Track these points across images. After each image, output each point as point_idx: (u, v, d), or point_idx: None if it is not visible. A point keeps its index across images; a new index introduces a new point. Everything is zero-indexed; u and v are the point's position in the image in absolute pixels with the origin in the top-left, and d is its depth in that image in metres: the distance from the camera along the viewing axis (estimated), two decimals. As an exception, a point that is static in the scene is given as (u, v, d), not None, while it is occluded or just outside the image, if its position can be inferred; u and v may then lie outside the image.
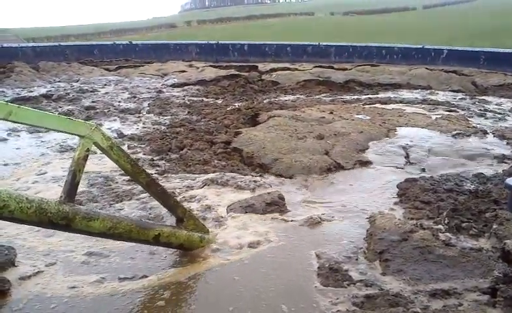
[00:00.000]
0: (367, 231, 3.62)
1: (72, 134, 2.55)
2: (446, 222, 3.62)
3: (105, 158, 4.89)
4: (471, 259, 3.11)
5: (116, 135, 6.32)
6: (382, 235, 3.40)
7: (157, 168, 5.04)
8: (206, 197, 4.22)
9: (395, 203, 4.22)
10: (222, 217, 3.82)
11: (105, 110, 8.09)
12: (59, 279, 2.90)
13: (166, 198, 3.07)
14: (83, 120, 2.81)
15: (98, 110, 8.07)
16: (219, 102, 9.28)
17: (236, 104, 8.85)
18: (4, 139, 6.10)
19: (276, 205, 4.05)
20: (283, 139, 5.86)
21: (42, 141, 6.04)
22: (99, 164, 4.97)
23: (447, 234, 3.45)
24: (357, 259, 3.21)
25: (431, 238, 3.32)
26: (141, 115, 7.90)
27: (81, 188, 4.30)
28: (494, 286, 2.77)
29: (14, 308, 2.60)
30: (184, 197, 4.23)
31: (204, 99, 9.54)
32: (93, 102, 8.81)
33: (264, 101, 9.22)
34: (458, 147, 5.95)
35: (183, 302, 2.75)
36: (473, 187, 4.49)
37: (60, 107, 8.31)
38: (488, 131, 6.84)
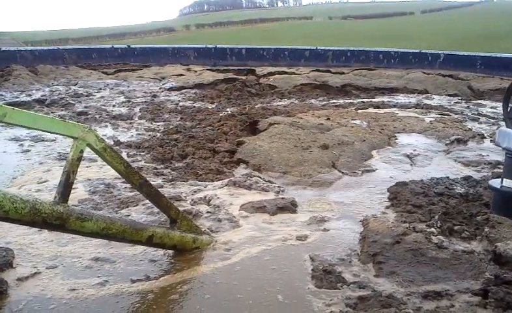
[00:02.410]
0: (361, 234, 3.65)
1: (66, 135, 2.58)
2: (438, 225, 3.65)
3: (105, 166, 4.92)
4: (463, 261, 3.13)
5: (112, 142, 6.19)
6: (375, 238, 3.43)
7: (164, 177, 4.93)
8: (218, 196, 4.32)
9: (387, 207, 4.25)
10: (234, 217, 3.92)
11: (97, 116, 7.99)
12: (58, 282, 2.90)
13: (159, 199, 3.10)
14: (76, 122, 2.82)
15: (89, 116, 7.96)
16: (214, 106, 9.26)
17: (228, 109, 8.77)
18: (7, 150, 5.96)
19: (287, 210, 4.09)
20: (288, 149, 5.75)
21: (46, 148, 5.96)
22: (100, 172, 4.95)
23: (440, 237, 3.47)
24: (350, 262, 3.24)
25: (424, 241, 3.34)
26: (132, 121, 7.79)
27: (83, 195, 4.30)
28: (486, 288, 2.79)
29: (14, 309, 2.61)
30: (193, 199, 4.29)
31: (200, 103, 9.55)
32: (86, 107, 8.72)
33: (257, 106, 9.15)
34: (457, 153, 6.08)
35: (196, 294, 2.83)
36: (463, 191, 4.52)
37: (52, 112, 8.22)
38: (486, 135, 6.93)
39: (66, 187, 2.51)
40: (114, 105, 9.03)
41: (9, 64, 12.82)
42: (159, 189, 4.10)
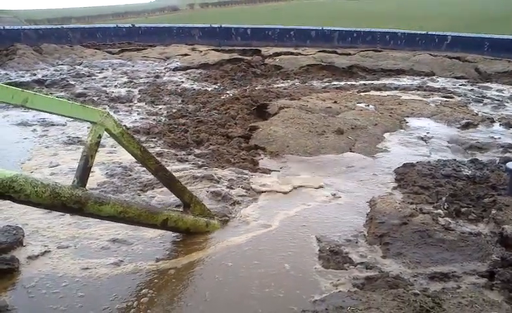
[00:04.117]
0: (367, 215, 3.70)
1: (85, 120, 2.62)
2: (446, 206, 3.69)
3: (115, 151, 4.91)
4: (470, 243, 3.18)
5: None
6: (383, 219, 3.47)
7: (188, 163, 4.81)
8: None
9: (394, 188, 4.31)
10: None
11: (95, 98, 7.75)
12: (68, 261, 2.96)
13: (173, 184, 3.16)
14: (95, 107, 2.86)
15: (87, 98, 7.71)
16: (215, 87, 9.13)
17: (229, 92, 8.63)
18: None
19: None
20: (304, 135, 5.71)
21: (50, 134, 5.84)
22: (112, 156, 4.94)
23: (447, 218, 3.52)
24: (357, 243, 3.29)
25: (431, 223, 3.39)
26: (132, 103, 7.58)
27: (102, 178, 4.28)
28: (492, 270, 2.85)
29: (27, 286, 2.68)
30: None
31: (203, 83, 9.46)
32: (86, 88, 8.52)
33: (257, 88, 9.01)
34: (470, 136, 6.11)
35: (218, 265, 2.98)
36: (470, 173, 4.55)
37: (51, 93, 7.97)
38: (495, 119, 6.94)
39: (84, 171, 2.56)
40: (116, 86, 8.85)
41: (13, 43, 12.71)
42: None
